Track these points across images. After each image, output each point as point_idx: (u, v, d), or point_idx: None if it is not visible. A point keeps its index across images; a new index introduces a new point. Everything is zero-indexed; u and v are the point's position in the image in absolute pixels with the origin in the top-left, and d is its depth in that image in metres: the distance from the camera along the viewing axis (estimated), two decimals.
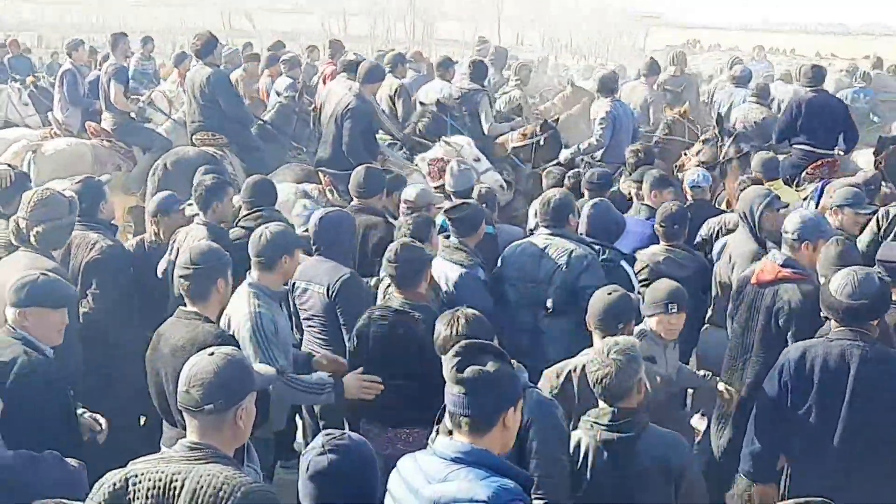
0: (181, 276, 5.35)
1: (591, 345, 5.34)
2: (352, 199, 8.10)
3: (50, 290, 5.06)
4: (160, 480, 3.57)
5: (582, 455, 4.63)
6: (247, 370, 3.84)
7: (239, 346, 5.00)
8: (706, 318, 7.50)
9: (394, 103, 12.19)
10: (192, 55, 11.76)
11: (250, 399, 3.79)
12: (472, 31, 77.17)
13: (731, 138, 10.58)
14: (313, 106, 12.36)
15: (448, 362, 3.65)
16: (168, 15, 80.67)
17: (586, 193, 8.62)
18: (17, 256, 5.87)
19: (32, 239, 5.84)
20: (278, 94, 12.90)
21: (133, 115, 12.27)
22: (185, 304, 5.36)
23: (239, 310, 5.61)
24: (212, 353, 3.76)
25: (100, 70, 14.60)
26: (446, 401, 3.64)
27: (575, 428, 4.77)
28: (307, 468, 3.50)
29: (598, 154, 11.58)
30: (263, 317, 5.55)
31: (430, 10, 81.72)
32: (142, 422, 6.79)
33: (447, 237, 6.97)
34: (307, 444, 4.23)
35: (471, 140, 10.80)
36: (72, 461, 4.46)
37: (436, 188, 8.91)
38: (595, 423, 4.64)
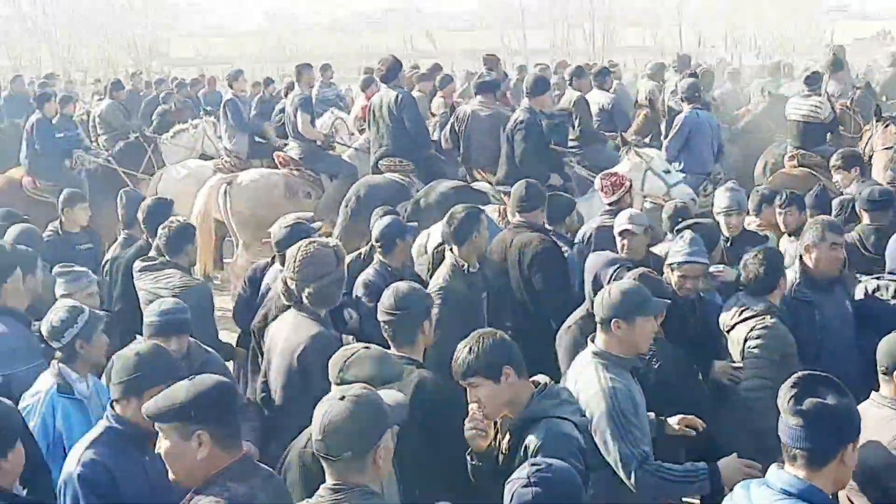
0: (384, 321, 5.14)
1: None
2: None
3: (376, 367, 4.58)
4: None
5: None
6: (381, 410, 3.71)
7: None
8: None
9: (571, 115, 12.08)
10: (378, 80, 11.96)
11: (387, 438, 3.69)
12: (653, 36, 76.52)
13: None
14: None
15: (785, 393, 3.56)
16: (349, 40, 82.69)
17: (864, 215, 7.69)
18: (290, 317, 5.57)
19: (305, 300, 5.44)
20: (433, 114, 13.01)
21: (319, 142, 12.56)
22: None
23: (588, 384, 4.88)
24: (342, 398, 3.65)
25: (261, 95, 15.01)
26: (780, 432, 3.56)
27: None
28: (511, 498, 3.47)
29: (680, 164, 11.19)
30: (619, 393, 4.80)
31: (610, 16, 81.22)
32: None
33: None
34: None
35: (659, 152, 10.65)
36: None
37: (609, 205, 8.56)
38: None
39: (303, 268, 5.40)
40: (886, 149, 10.69)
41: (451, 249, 6.85)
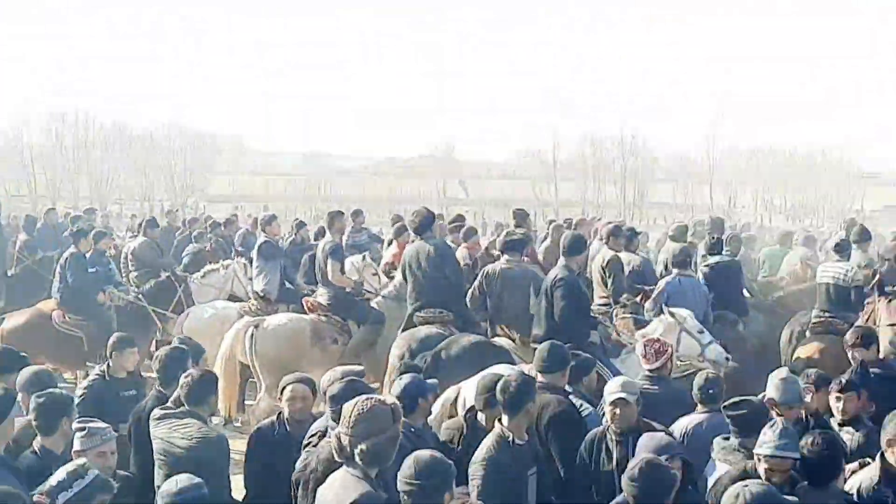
0: (403, 491, 4.98)
1: None
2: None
3: None
4: None
5: None
6: None
7: None
8: None
9: (605, 273, 12.03)
10: (411, 231, 12.01)
11: None
12: (684, 194, 77.28)
13: None
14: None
15: None
16: (383, 183, 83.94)
17: None
18: (339, 476, 5.40)
19: (357, 458, 5.27)
20: None
21: (348, 289, 12.57)
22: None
23: None
24: None
25: (293, 238, 15.05)
26: None
27: None
28: None
29: None
30: None
31: (642, 172, 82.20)
32: None
33: None
34: None
35: (692, 312, 10.54)
36: None
37: (650, 371, 8.38)
38: None
39: (358, 424, 5.23)
40: (891, 325, 10.45)
41: (498, 420, 6.55)
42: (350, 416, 5.25)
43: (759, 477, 5.71)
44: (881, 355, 9.12)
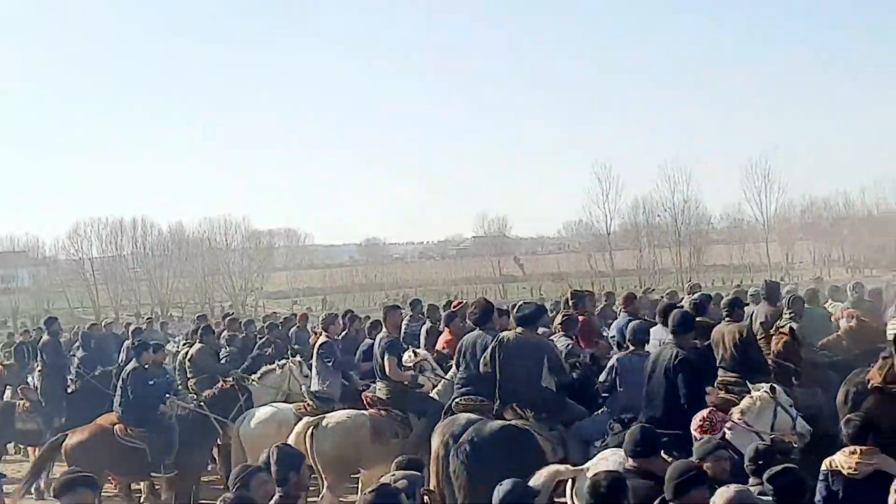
0: None
1: None
2: None
3: None
4: None
5: None
6: None
7: None
8: None
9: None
10: (471, 322, 11.98)
11: None
12: (740, 254, 76.65)
13: None
14: None
15: None
16: (438, 267, 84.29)
17: None
18: None
19: None
20: None
21: (406, 383, 12.54)
22: None
23: None
24: None
25: (346, 332, 15.02)
26: None
27: None
28: None
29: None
30: None
31: (697, 236, 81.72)
32: None
33: None
34: None
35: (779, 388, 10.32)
36: None
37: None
38: None
39: None
40: None
41: None
42: None
43: None
44: None
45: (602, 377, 11.22)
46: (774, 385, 9.92)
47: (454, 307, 15.19)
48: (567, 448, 10.51)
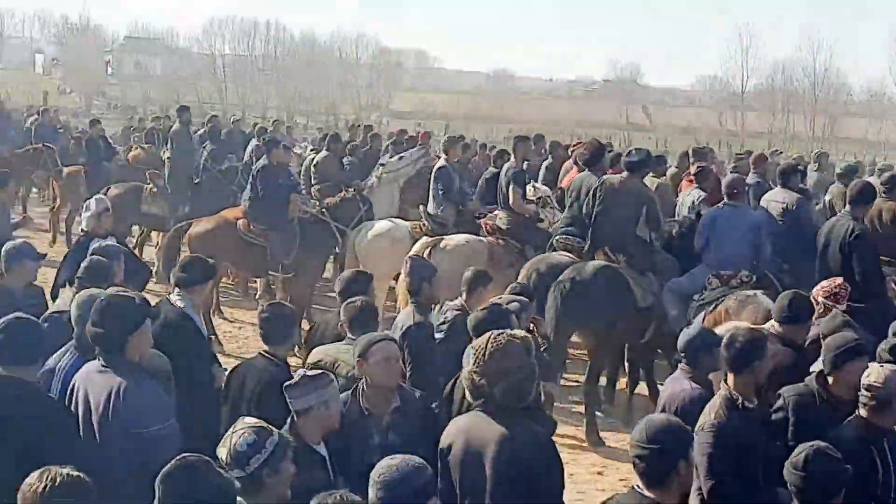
0: (635, 455, 4.41)
1: None
2: None
3: None
4: None
5: None
6: None
7: None
8: None
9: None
10: (581, 163, 11.84)
11: None
12: (877, 130, 73.92)
13: None
14: None
15: None
16: (565, 107, 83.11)
17: None
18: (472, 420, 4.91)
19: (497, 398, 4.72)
20: None
21: (528, 216, 12.47)
22: None
23: None
24: None
25: (459, 160, 14.95)
26: None
27: None
28: None
29: None
30: None
31: (834, 105, 78.95)
32: None
33: None
34: None
35: None
36: None
37: None
38: None
39: (489, 361, 4.71)
40: None
41: (724, 380, 5.92)
42: (483, 355, 4.76)
43: None
44: None
45: (698, 231, 10.88)
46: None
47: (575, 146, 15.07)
48: (662, 300, 10.50)
